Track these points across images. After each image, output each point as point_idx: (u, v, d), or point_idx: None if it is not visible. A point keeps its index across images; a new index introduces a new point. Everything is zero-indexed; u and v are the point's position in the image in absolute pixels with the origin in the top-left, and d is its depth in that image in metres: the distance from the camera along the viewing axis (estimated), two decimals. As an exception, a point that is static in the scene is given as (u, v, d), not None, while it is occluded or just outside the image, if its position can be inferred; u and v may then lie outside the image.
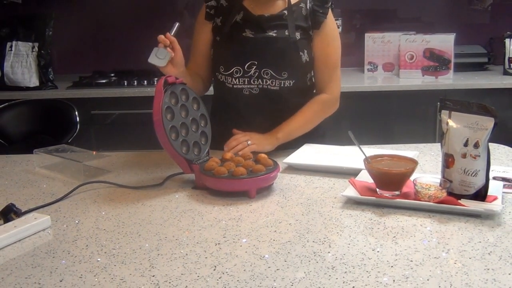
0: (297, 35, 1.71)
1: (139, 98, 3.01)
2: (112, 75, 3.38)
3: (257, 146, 1.63)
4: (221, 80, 1.75)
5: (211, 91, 1.89)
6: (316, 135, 1.86)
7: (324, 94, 1.78)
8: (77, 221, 1.27)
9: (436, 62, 3.13)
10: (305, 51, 1.72)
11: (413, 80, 3.13)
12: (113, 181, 1.53)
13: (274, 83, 1.70)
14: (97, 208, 1.35)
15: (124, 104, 3.04)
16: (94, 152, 1.79)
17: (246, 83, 1.71)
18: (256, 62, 1.69)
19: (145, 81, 3.14)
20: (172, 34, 1.61)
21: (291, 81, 1.71)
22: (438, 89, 3.00)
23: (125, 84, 3.15)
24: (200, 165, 1.46)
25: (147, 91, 3.01)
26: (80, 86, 3.16)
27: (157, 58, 1.58)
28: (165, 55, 1.58)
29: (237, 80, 1.71)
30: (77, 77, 3.35)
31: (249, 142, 1.62)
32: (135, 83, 3.15)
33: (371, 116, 3.04)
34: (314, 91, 1.82)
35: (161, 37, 1.59)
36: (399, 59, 3.23)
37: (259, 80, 1.70)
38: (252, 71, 1.69)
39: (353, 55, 3.51)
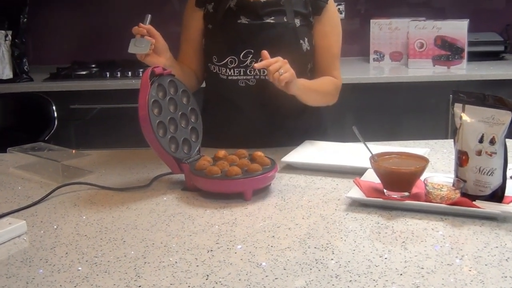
0: (297, 22, 1.71)
1: (123, 91, 3.01)
2: (93, 66, 3.37)
3: (290, 76, 1.52)
4: (214, 71, 1.74)
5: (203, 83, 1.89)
6: (317, 131, 1.86)
7: (333, 78, 1.79)
8: (55, 227, 1.27)
9: (448, 50, 3.13)
10: (306, 39, 1.72)
11: (423, 70, 3.13)
12: (94, 182, 1.53)
13: None
14: (77, 212, 1.35)
15: (106, 98, 3.03)
16: (74, 151, 1.78)
17: (241, 73, 1.71)
18: (252, 51, 1.69)
19: (129, 73, 3.14)
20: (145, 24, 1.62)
21: None
22: (451, 80, 3.00)
23: (108, 75, 3.15)
24: (191, 164, 1.46)
25: (132, 84, 3.00)
26: (58, 78, 3.15)
27: (137, 47, 1.59)
28: (145, 43, 1.59)
29: (232, 70, 1.71)
30: (55, 68, 3.33)
31: (281, 71, 1.52)
32: (119, 75, 3.14)
33: (377, 110, 3.05)
34: None
35: (135, 28, 1.60)
36: (407, 48, 3.23)
37: (256, 70, 1.70)
38: (248, 61, 1.69)
39: (358, 44, 3.50)
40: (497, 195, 1.27)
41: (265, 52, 1.54)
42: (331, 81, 1.79)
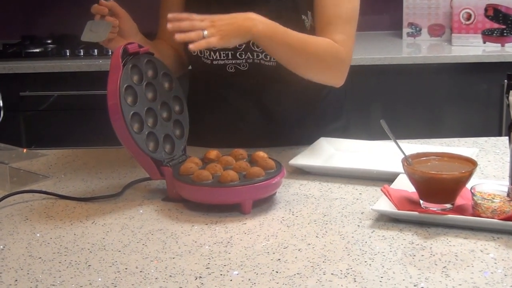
0: None
1: (87, 74, 3.01)
2: (49, 41, 3.37)
3: (219, 39, 1.49)
4: (195, 54, 1.75)
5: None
6: (335, 126, 1.86)
7: (337, 44, 1.67)
8: (2, 247, 1.27)
9: (502, 23, 3.13)
10: (309, 13, 1.71)
11: (471, 48, 3.13)
12: (51, 190, 1.53)
13: (269, 57, 1.70)
14: (29, 228, 1.35)
15: (66, 83, 3.03)
16: (25, 150, 1.79)
17: (230, 57, 1.71)
18: None
19: (96, 51, 3.14)
20: None
21: None
22: (505, 61, 3.00)
23: (67, 54, 3.15)
24: (174, 167, 1.47)
25: (99, 65, 3.00)
26: (5, 58, 3.15)
27: (93, 32, 1.58)
28: (103, 27, 1.58)
29: (217, 53, 1.71)
30: (0, 44, 3.34)
31: (205, 32, 1.48)
32: (81, 53, 3.14)
33: (412, 99, 3.05)
34: None
35: (95, 7, 1.58)
36: (451, 20, 3.23)
37: (248, 53, 1.70)
38: None
39: (387, 13, 3.50)
40: None
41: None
42: (325, 43, 1.65)
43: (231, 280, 1.11)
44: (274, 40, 1.57)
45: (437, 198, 1.32)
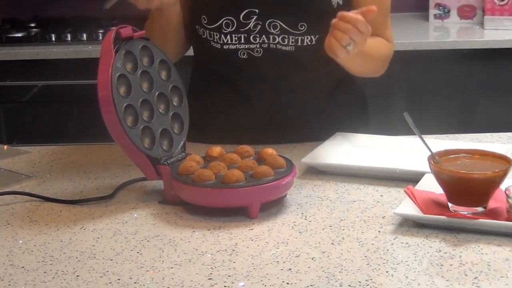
0: None
1: (75, 61, 3.01)
2: (33, 25, 3.37)
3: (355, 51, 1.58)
4: (204, 37, 1.75)
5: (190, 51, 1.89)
6: (353, 119, 1.86)
7: (385, 40, 1.82)
8: (-20, 255, 1.28)
9: (541, 3, 3.13)
10: None
11: (505, 32, 3.12)
12: (35, 191, 1.54)
13: (286, 40, 1.70)
14: (11, 234, 1.35)
15: (51, 71, 3.04)
16: (6, 146, 1.79)
17: (242, 41, 1.71)
18: (256, 11, 1.69)
19: (85, 35, 3.14)
20: None
21: (312, 37, 1.71)
22: (545, 46, 3.00)
23: (53, 39, 3.15)
24: (172, 166, 1.47)
25: (88, 51, 3.01)
26: (-17, 43, 3.16)
27: None
28: None
29: (228, 37, 1.71)
30: (-22, 28, 3.35)
31: (349, 47, 1.54)
32: (69, 38, 3.14)
33: (439, 89, 3.04)
34: None
35: None
36: (483, 0, 3.22)
37: (263, 36, 1.70)
38: (252, 24, 1.69)
39: (412, -6, 3.50)
40: None
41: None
42: (385, 44, 1.81)
43: (236, 293, 1.12)
44: (353, 60, 1.65)
45: (468, 201, 1.32)
